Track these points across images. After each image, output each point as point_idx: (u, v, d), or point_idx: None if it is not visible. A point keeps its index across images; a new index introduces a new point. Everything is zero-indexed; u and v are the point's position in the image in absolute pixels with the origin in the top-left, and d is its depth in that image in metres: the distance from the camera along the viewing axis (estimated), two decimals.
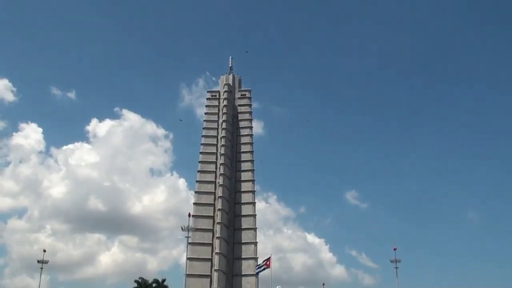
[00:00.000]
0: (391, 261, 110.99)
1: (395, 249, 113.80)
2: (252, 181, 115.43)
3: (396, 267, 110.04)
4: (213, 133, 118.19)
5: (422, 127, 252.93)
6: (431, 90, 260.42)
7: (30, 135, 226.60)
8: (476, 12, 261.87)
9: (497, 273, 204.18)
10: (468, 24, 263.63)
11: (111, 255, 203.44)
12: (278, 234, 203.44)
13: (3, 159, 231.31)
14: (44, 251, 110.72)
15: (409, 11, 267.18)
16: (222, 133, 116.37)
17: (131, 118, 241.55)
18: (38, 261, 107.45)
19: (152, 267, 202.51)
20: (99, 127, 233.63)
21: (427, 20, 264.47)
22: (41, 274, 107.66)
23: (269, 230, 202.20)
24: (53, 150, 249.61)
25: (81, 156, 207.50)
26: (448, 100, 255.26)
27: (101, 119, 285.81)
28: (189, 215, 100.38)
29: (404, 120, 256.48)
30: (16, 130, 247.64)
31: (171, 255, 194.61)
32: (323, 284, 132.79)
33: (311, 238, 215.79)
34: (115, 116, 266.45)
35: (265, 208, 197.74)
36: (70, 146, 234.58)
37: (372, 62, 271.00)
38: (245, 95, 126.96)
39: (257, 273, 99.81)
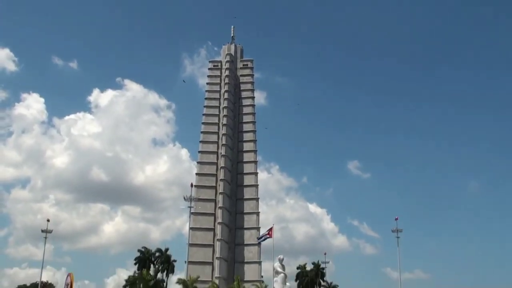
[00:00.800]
0: (393, 231, 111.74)
1: (396, 219, 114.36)
2: (254, 151, 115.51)
3: (397, 237, 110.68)
4: (215, 103, 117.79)
5: (424, 98, 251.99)
6: (431, 58, 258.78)
7: (32, 105, 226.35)
8: None
9: (497, 243, 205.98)
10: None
11: (114, 225, 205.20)
12: (281, 204, 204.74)
13: (5, 129, 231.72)
14: (48, 220, 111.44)
15: None
16: (224, 104, 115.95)
17: (133, 88, 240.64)
18: (42, 231, 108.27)
19: (155, 237, 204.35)
20: (101, 98, 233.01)
21: None
22: (45, 244, 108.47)
23: (271, 200, 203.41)
24: (56, 120, 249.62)
25: (83, 126, 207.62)
26: (449, 71, 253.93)
27: (103, 89, 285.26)
28: (192, 185, 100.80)
29: (405, 90, 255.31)
30: (18, 100, 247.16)
31: (174, 225, 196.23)
32: (325, 254, 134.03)
33: (313, 208, 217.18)
34: (117, 87, 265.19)
35: (267, 178, 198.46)
36: (72, 116, 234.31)
37: (375, 33, 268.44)
38: (247, 65, 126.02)
39: (259, 243, 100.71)
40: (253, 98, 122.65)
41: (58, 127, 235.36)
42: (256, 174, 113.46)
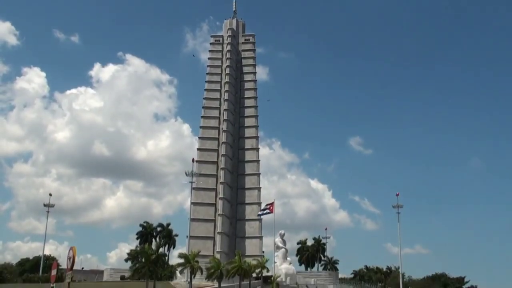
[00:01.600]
0: (393, 207, 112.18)
1: (397, 195, 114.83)
2: (256, 127, 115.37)
3: (398, 212, 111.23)
4: (217, 78, 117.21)
5: (426, 74, 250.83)
6: (436, 37, 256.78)
7: (34, 79, 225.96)
8: None
9: (498, 218, 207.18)
10: None
11: (116, 200, 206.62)
12: (282, 180, 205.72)
13: (7, 103, 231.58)
14: (50, 195, 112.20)
15: None
16: (226, 79, 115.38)
17: (135, 63, 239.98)
18: (44, 205, 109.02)
19: (157, 212, 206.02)
20: (102, 72, 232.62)
21: None
22: (47, 218, 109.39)
23: (273, 176, 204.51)
24: (57, 94, 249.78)
25: (85, 101, 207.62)
26: (455, 46, 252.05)
27: (104, 63, 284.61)
28: (193, 160, 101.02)
29: (409, 66, 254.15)
30: (19, 74, 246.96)
31: (175, 200, 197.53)
32: (326, 229, 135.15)
33: (315, 183, 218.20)
34: (119, 61, 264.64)
35: (269, 154, 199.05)
36: (74, 91, 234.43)
37: (380, 5, 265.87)
38: (249, 40, 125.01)
39: (260, 216, 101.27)
40: (254, 73, 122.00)
41: (59, 102, 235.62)
42: (257, 149, 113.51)
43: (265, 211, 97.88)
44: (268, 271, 78.48)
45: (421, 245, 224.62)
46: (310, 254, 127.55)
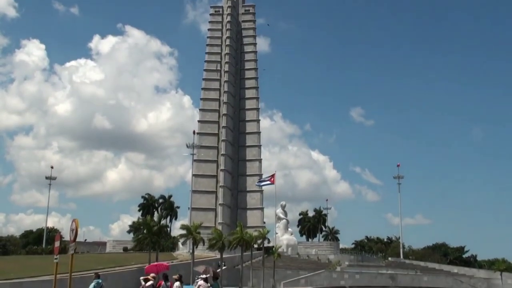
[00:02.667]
0: (394, 178, 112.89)
1: (398, 166, 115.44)
2: (257, 98, 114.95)
3: (399, 183, 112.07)
4: (217, 50, 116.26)
5: (428, 45, 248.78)
6: (434, 10, 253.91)
7: (33, 51, 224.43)
8: None
9: (499, 189, 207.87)
10: None
11: (118, 172, 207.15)
12: (283, 151, 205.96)
13: (7, 76, 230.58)
14: (52, 167, 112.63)
15: None
16: (226, 50, 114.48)
17: (135, 34, 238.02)
18: (46, 178, 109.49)
19: (159, 184, 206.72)
20: (101, 44, 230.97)
21: None
22: (49, 190, 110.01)
23: (274, 147, 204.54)
24: (57, 67, 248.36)
25: (85, 74, 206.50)
26: (453, 19, 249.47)
27: (103, 35, 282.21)
28: (194, 132, 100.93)
29: (410, 37, 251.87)
30: (19, 46, 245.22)
31: (177, 172, 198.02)
32: (327, 200, 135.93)
33: (316, 155, 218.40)
34: (118, 33, 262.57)
35: (270, 126, 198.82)
36: (74, 63, 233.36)
37: None
38: (249, 10, 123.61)
39: (260, 186, 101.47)
40: (255, 44, 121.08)
41: (59, 74, 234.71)
42: (258, 121, 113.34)
43: (265, 182, 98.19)
44: (269, 242, 78.90)
45: (421, 215, 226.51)
46: (311, 225, 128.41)
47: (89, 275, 44.32)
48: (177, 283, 20.47)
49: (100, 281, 20.52)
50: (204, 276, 21.10)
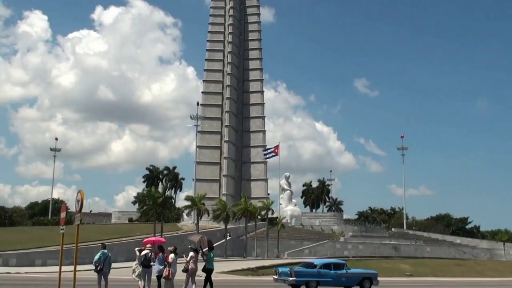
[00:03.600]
0: (398, 149, 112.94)
1: (402, 137, 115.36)
2: (260, 69, 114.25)
3: (403, 154, 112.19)
4: (220, 20, 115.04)
5: (433, 13, 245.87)
6: None
7: (36, 23, 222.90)
8: None
9: (503, 160, 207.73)
10: None
11: (123, 144, 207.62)
12: (288, 123, 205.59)
13: (10, 48, 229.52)
14: (56, 139, 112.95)
15: None
16: (230, 21, 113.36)
17: (138, 5, 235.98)
18: (51, 149, 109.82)
19: (163, 155, 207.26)
20: (104, 15, 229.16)
21: None
22: (54, 162, 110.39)
23: (278, 119, 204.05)
24: (60, 38, 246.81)
25: (88, 45, 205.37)
26: None
27: (106, 6, 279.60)
28: (198, 104, 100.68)
29: (416, 7, 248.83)
30: (21, 17, 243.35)
31: (181, 144, 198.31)
32: (331, 171, 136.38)
33: (320, 126, 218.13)
34: (121, 3, 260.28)
35: (274, 97, 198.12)
36: (76, 34, 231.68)
37: None
38: None
39: (265, 157, 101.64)
40: (258, 14, 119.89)
41: (62, 46, 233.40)
42: (262, 92, 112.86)
43: (270, 153, 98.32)
44: (273, 213, 79.45)
45: (425, 186, 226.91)
46: (315, 196, 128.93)
47: (95, 246, 44.76)
48: (172, 255, 20.75)
49: (106, 251, 20.65)
50: (194, 247, 21.39)
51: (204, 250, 22.12)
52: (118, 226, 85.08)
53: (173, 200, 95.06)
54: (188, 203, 70.46)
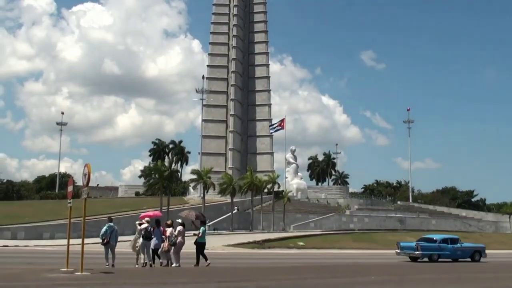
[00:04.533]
0: (404, 122, 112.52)
1: (408, 110, 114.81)
2: (266, 42, 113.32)
3: (409, 127, 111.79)
4: None
5: None
6: None
7: None
8: None
9: (510, 135, 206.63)
10: None
11: (129, 118, 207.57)
12: (294, 96, 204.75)
13: (15, 21, 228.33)
14: (62, 113, 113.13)
15: None
16: None
17: None
18: (57, 123, 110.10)
19: (169, 129, 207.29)
20: None
21: None
22: (61, 136, 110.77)
23: (284, 92, 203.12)
24: (64, 11, 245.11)
25: (93, 18, 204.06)
26: None
27: None
28: (203, 77, 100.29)
29: None
30: None
31: (187, 117, 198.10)
32: (336, 144, 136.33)
33: (326, 99, 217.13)
34: None
35: (280, 70, 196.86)
36: (81, 7, 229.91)
37: None
38: None
39: (271, 132, 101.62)
40: None
41: (67, 19, 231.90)
42: (267, 65, 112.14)
43: (275, 127, 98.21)
44: (279, 186, 79.60)
45: (431, 159, 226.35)
46: (321, 169, 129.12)
47: (103, 219, 45.09)
48: (169, 229, 20.89)
49: (112, 224, 20.78)
50: (180, 221, 21.41)
51: (194, 221, 22.23)
52: (125, 199, 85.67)
53: (179, 174, 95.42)
54: (194, 176, 70.71)
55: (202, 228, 21.36)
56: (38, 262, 22.22)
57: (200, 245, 21.09)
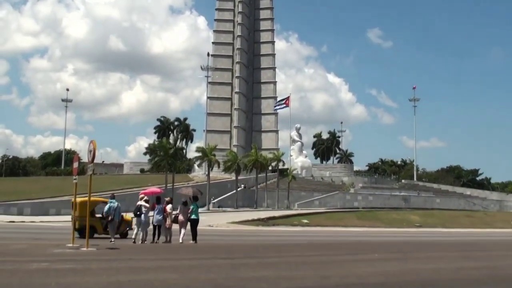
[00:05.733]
0: (410, 100, 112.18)
1: (414, 88, 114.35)
2: (271, 19, 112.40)
3: (415, 106, 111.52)
4: None
5: None
6: None
7: None
8: None
9: None
10: None
11: (134, 95, 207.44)
12: (299, 74, 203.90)
13: None
14: (67, 90, 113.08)
15: None
16: None
17: None
18: (62, 100, 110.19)
19: (175, 106, 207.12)
20: None
21: None
22: (66, 112, 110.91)
23: (290, 70, 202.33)
24: None
25: None
26: None
27: None
28: (208, 54, 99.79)
29: None
30: None
31: (192, 95, 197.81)
32: (341, 123, 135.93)
33: (332, 77, 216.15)
34: None
35: (286, 48, 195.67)
36: None
37: None
38: None
39: (277, 112, 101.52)
40: None
41: None
42: (273, 43, 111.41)
43: (280, 105, 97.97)
44: (284, 164, 79.80)
45: (437, 138, 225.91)
46: (326, 147, 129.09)
47: (108, 196, 45.37)
48: (169, 205, 20.99)
49: (114, 201, 20.88)
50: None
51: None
52: (130, 176, 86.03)
53: (184, 151, 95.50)
54: (199, 154, 70.75)
55: (192, 205, 21.32)
56: (44, 237, 22.40)
57: (191, 222, 21.13)
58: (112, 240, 19.95)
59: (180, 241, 20.35)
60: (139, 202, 20.88)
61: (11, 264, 11.89)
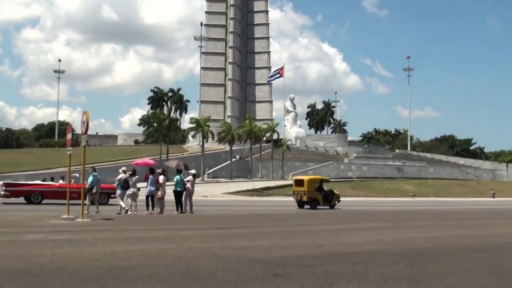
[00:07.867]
0: (404, 70, 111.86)
1: (408, 58, 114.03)
2: None
3: (409, 75, 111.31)
4: None
5: None
6: None
7: None
8: None
9: (510, 84, 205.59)
10: None
11: (128, 66, 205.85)
12: (294, 44, 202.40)
13: None
14: (59, 60, 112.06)
15: None
16: None
17: None
18: (55, 71, 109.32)
19: (169, 77, 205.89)
20: None
21: None
22: (58, 84, 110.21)
23: (285, 39, 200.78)
24: None
25: None
26: None
27: None
28: (201, 24, 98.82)
29: None
30: None
31: (186, 65, 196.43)
32: (336, 93, 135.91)
33: (326, 47, 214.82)
34: None
35: (281, 17, 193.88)
36: None
37: None
38: None
39: (270, 82, 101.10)
40: None
41: None
42: (267, 12, 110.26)
43: (275, 75, 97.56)
44: (278, 134, 79.82)
45: (431, 108, 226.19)
46: (320, 117, 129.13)
47: (101, 167, 45.40)
48: (161, 176, 21.08)
49: (96, 174, 20.92)
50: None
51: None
52: (124, 148, 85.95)
53: (178, 122, 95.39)
54: (193, 125, 70.67)
55: (176, 177, 21.44)
56: (39, 209, 22.45)
57: (176, 193, 21.30)
58: (98, 211, 20.00)
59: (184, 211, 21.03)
60: (123, 175, 20.95)
61: (7, 235, 11.92)
